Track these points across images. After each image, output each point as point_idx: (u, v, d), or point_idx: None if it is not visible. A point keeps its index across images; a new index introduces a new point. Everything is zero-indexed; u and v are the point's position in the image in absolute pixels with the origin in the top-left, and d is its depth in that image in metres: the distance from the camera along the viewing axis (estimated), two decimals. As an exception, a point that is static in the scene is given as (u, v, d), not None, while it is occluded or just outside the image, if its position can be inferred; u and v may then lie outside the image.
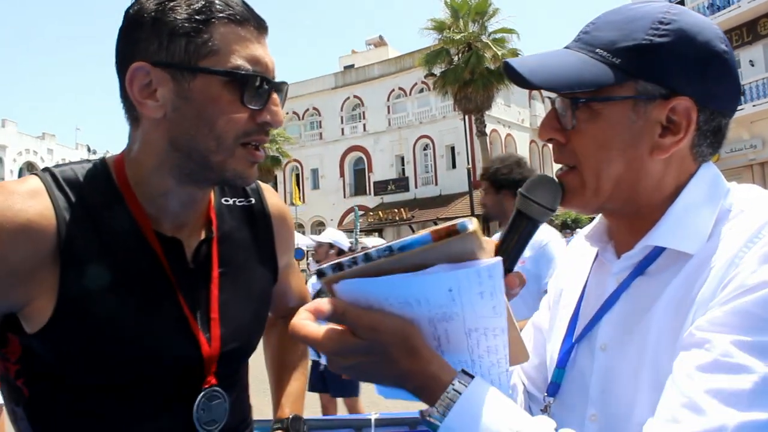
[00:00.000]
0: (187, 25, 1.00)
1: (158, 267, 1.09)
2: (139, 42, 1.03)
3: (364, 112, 40.61)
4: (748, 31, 23.81)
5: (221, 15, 1.02)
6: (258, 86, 1.04)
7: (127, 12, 1.06)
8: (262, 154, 1.09)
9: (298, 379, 1.55)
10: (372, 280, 0.76)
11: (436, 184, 37.40)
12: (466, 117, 27.00)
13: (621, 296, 0.98)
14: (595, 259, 1.11)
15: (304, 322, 0.80)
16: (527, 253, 3.19)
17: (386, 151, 39.49)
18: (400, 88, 39.35)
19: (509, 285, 0.91)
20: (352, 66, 44.96)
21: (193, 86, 1.02)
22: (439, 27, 25.26)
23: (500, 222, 2.85)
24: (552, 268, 3.07)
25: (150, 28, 1.02)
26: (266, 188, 1.37)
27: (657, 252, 0.95)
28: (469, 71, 24.11)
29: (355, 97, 40.43)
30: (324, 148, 41.34)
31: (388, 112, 39.78)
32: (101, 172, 1.11)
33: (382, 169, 39.09)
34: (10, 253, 0.97)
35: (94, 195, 1.07)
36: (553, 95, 0.98)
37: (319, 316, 0.79)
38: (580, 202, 0.99)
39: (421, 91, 37.74)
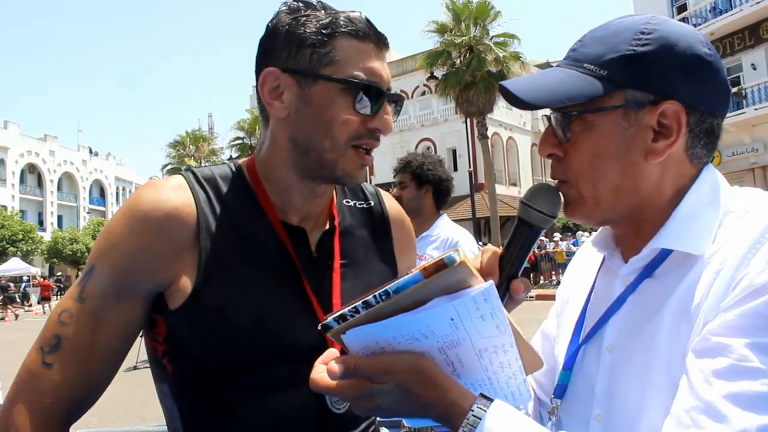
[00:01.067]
0: (313, 37, 1.13)
1: (285, 253, 1.20)
2: (273, 50, 1.17)
3: (365, 115, 40.61)
4: (750, 35, 23.79)
5: (344, 30, 1.14)
6: (371, 94, 1.14)
7: (267, 25, 1.19)
8: (371, 158, 1.20)
9: None
10: (376, 325, 0.80)
11: (438, 186, 37.29)
12: (468, 120, 27.03)
13: (628, 298, 1.00)
14: (601, 264, 1.13)
15: (322, 375, 0.85)
16: (435, 251, 3.19)
17: (388, 154, 39.35)
18: (402, 91, 39.26)
19: (515, 291, 0.96)
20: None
21: (314, 91, 1.14)
22: (441, 30, 25.30)
23: (414, 217, 2.74)
24: None
25: (283, 38, 1.15)
26: (385, 194, 1.48)
27: (664, 255, 0.97)
28: (470, 74, 24.13)
29: (356, 99, 40.38)
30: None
31: (390, 115, 39.80)
32: (235, 170, 1.26)
33: (384, 172, 38.94)
34: (159, 236, 1.11)
35: (228, 189, 1.21)
36: (548, 113, 1.02)
37: (334, 377, 0.83)
38: (583, 213, 1.02)
39: (423, 93, 37.81)
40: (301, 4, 1.17)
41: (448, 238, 3.30)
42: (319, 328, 0.85)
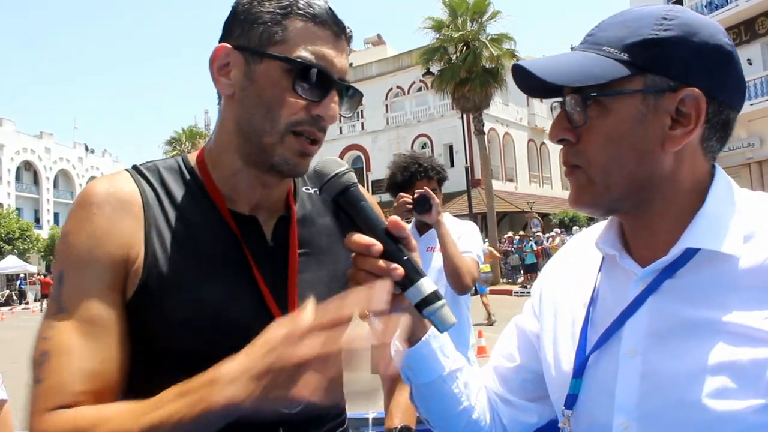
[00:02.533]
0: (268, 15, 1.10)
1: (234, 242, 1.16)
2: (230, 28, 1.14)
3: (362, 111, 40.56)
4: (746, 30, 23.82)
5: (300, 12, 1.10)
6: (316, 79, 1.09)
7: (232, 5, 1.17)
8: (315, 148, 1.14)
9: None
10: None
11: (435, 182, 37.28)
12: (464, 116, 27.00)
13: (647, 300, 0.97)
14: (601, 265, 1.09)
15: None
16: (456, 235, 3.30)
17: (384, 150, 39.44)
18: (399, 87, 39.37)
19: (396, 229, 0.96)
20: (350, 65, 44.67)
21: (259, 69, 1.10)
22: (437, 26, 25.24)
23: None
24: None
25: (240, 16, 1.13)
26: None
27: (688, 255, 0.94)
28: (466, 70, 24.09)
29: (353, 95, 40.35)
30: (322, 147, 40.44)
31: (387, 111, 39.82)
32: (182, 162, 1.23)
33: (380, 168, 38.97)
34: (113, 224, 1.09)
35: (174, 181, 1.18)
36: (560, 99, 0.99)
37: None
38: (591, 198, 0.99)
39: (420, 89, 37.76)
40: None
41: (454, 231, 3.34)
42: None
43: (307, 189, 1.33)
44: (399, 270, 0.93)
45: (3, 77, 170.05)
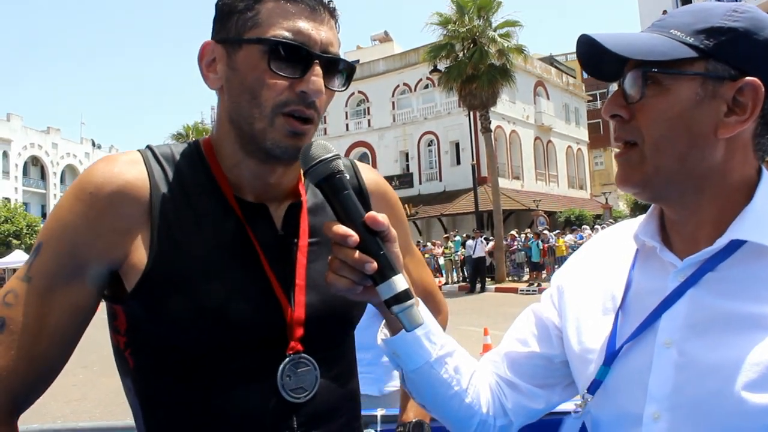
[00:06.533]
0: (242, 4, 1.10)
1: (241, 231, 1.15)
2: (214, 26, 1.15)
3: (368, 108, 40.63)
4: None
5: None
6: (295, 54, 1.07)
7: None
8: (307, 128, 1.11)
9: None
10: None
11: (441, 180, 37.39)
12: (471, 113, 26.92)
13: (687, 293, 0.98)
14: (635, 257, 1.11)
15: None
16: None
17: (391, 147, 39.48)
18: (405, 84, 39.31)
19: (374, 224, 0.98)
20: (357, 61, 44.11)
21: (239, 57, 1.10)
22: (445, 22, 25.15)
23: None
24: None
25: (219, 11, 1.14)
26: (363, 166, 1.39)
27: (731, 249, 0.96)
28: (472, 66, 24.00)
29: (359, 92, 40.45)
30: (328, 143, 41.06)
31: (393, 108, 39.80)
32: (193, 147, 1.21)
33: (387, 165, 39.07)
34: (109, 210, 1.07)
35: (186, 166, 1.17)
36: (619, 79, 1.03)
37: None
38: (640, 178, 1.00)
39: (426, 87, 37.71)
40: None
41: None
42: None
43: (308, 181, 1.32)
44: (372, 264, 0.95)
45: (11, 72, 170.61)
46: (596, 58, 1.01)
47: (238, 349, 1.10)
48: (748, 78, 0.93)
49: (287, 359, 1.11)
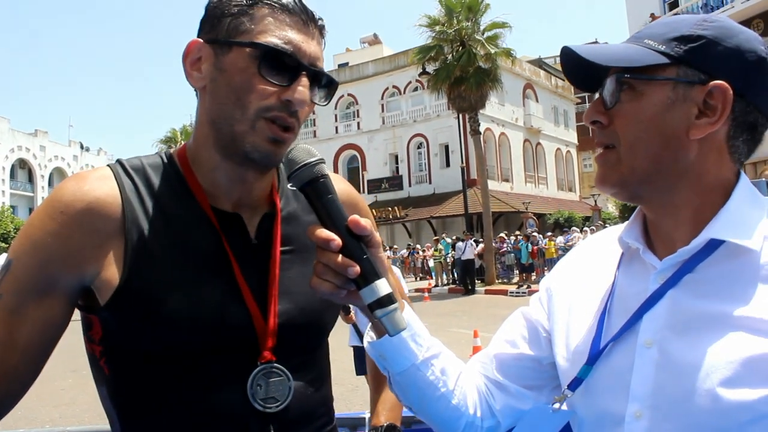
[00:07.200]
0: (236, 8, 1.11)
1: (215, 240, 1.15)
2: (202, 26, 1.16)
3: (358, 111, 40.62)
4: (741, 32, 23.88)
5: (267, 1, 1.11)
6: (283, 63, 1.10)
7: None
8: (287, 136, 1.12)
9: None
10: None
11: (430, 182, 37.45)
12: (460, 115, 26.97)
13: (667, 294, 1.01)
14: (620, 260, 1.14)
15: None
16: None
17: (380, 150, 39.48)
18: (395, 87, 39.36)
19: (357, 228, 0.98)
20: (346, 64, 44.95)
21: (227, 58, 1.11)
22: (433, 23, 25.15)
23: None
24: None
25: (211, 11, 1.14)
26: (334, 176, 1.39)
27: (709, 249, 0.99)
28: (461, 69, 24.03)
29: (349, 95, 40.45)
30: (318, 146, 40.08)
31: (382, 111, 39.82)
32: (165, 158, 1.22)
33: (376, 168, 39.12)
34: (80, 227, 1.07)
35: (157, 178, 1.17)
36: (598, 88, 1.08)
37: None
38: (617, 178, 1.04)
39: (416, 89, 37.76)
40: None
41: None
42: None
43: (292, 186, 1.32)
44: (355, 268, 0.95)
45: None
46: (578, 69, 1.06)
47: (209, 357, 1.11)
48: (717, 81, 0.97)
49: (258, 369, 1.13)
